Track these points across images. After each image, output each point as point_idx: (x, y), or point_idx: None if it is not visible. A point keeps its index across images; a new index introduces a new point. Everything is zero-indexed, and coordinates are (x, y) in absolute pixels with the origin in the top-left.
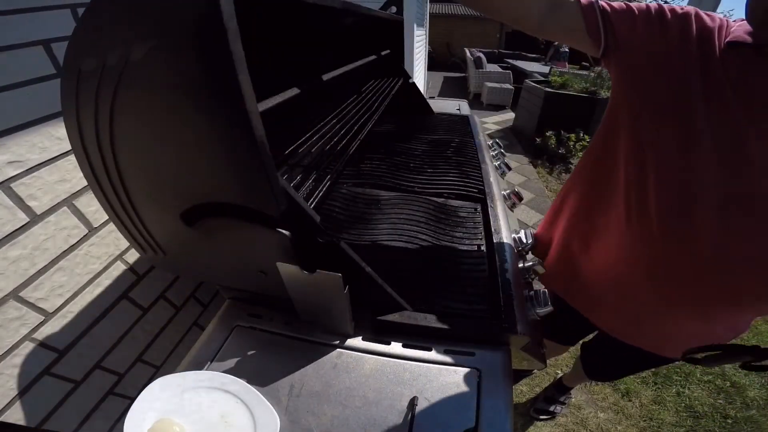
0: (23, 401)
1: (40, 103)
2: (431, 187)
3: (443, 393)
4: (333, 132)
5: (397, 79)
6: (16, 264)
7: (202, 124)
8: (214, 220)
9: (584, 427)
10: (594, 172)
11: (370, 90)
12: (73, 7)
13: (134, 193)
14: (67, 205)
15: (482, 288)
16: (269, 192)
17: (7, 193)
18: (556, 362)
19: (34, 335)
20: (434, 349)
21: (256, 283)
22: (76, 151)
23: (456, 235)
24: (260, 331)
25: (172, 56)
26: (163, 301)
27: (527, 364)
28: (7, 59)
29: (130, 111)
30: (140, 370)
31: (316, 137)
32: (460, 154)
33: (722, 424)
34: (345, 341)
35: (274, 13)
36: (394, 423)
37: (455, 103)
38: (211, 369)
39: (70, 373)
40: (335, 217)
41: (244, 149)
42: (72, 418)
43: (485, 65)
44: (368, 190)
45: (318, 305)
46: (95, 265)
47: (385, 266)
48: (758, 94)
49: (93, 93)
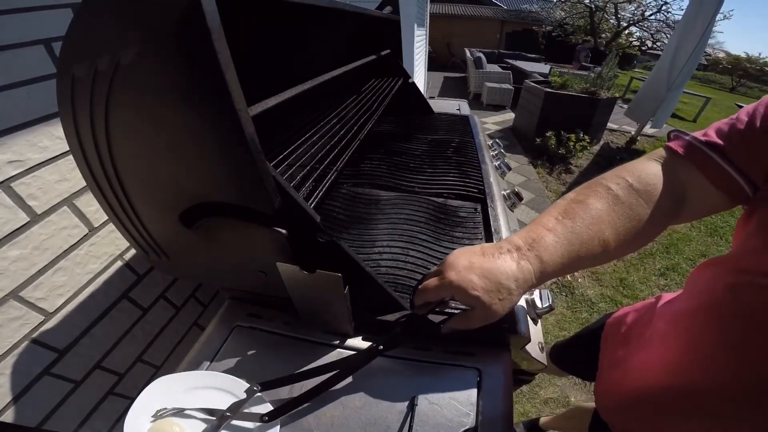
0: (23, 401)
1: (41, 103)
2: (431, 187)
3: (443, 393)
4: (333, 132)
5: (396, 78)
6: (16, 264)
7: (193, 124)
8: (213, 221)
9: None
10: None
11: (370, 90)
12: (74, 7)
13: (133, 195)
14: (68, 204)
15: None
16: (263, 190)
17: (8, 192)
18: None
19: (34, 335)
20: (434, 349)
21: (256, 284)
22: (75, 154)
23: (456, 235)
24: (260, 331)
25: (159, 59)
26: (163, 301)
27: (527, 365)
28: (8, 58)
29: (124, 113)
30: (140, 370)
31: (316, 137)
32: (460, 154)
33: None
34: (345, 341)
35: (271, 15)
36: (394, 423)
37: (455, 103)
38: (211, 369)
39: (70, 373)
40: (335, 217)
41: (235, 148)
42: (72, 418)
43: (485, 65)
44: (368, 190)
45: (318, 305)
46: (95, 265)
47: (385, 266)
48: None
49: (87, 97)
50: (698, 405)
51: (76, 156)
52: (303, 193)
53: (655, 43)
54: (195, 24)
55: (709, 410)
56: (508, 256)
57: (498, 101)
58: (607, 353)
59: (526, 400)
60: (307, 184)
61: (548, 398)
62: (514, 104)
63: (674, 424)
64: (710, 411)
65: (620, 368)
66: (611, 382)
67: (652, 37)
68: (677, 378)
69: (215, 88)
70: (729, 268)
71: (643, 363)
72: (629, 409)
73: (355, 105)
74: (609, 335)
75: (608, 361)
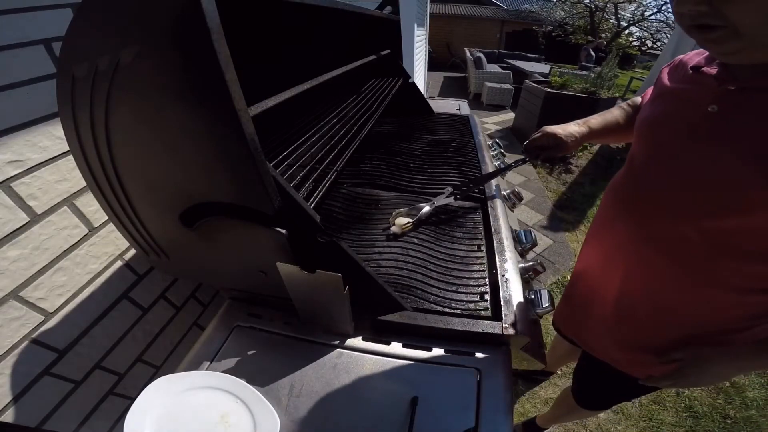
0: (23, 401)
1: (41, 103)
2: (431, 187)
3: (443, 393)
4: (333, 132)
5: (396, 78)
6: (16, 264)
7: (193, 124)
8: (213, 221)
9: (584, 427)
10: None
11: (370, 90)
12: (74, 7)
13: (133, 195)
14: (68, 204)
15: (482, 288)
16: (262, 190)
17: (8, 192)
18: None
19: (34, 335)
20: (434, 349)
21: (257, 284)
22: (75, 154)
23: (456, 235)
24: (260, 331)
25: (159, 59)
26: (163, 301)
27: (527, 364)
28: (8, 58)
29: (124, 113)
30: (140, 370)
31: (316, 137)
32: (460, 154)
33: (722, 425)
34: (345, 341)
35: (271, 15)
36: (394, 423)
37: (455, 103)
38: (211, 369)
39: (70, 373)
40: (335, 217)
41: (235, 148)
42: (72, 418)
43: (485, 65)
44: (368, 190)
45: (318, 305)
46: (95, 265)
47: (385, 266)
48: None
49: (87, 97)
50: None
51: (76, 156)
52: (303, 193)
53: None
54: (195, 23)
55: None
56: (575, 125)
57: (498, 101)
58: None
59: (526, 400)
60: (307, 184)
61: (548, 398)
62: (514, 104)
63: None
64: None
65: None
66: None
67: (652, 37)
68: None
69: (215, 88)
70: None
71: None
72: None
73: (355, 105)
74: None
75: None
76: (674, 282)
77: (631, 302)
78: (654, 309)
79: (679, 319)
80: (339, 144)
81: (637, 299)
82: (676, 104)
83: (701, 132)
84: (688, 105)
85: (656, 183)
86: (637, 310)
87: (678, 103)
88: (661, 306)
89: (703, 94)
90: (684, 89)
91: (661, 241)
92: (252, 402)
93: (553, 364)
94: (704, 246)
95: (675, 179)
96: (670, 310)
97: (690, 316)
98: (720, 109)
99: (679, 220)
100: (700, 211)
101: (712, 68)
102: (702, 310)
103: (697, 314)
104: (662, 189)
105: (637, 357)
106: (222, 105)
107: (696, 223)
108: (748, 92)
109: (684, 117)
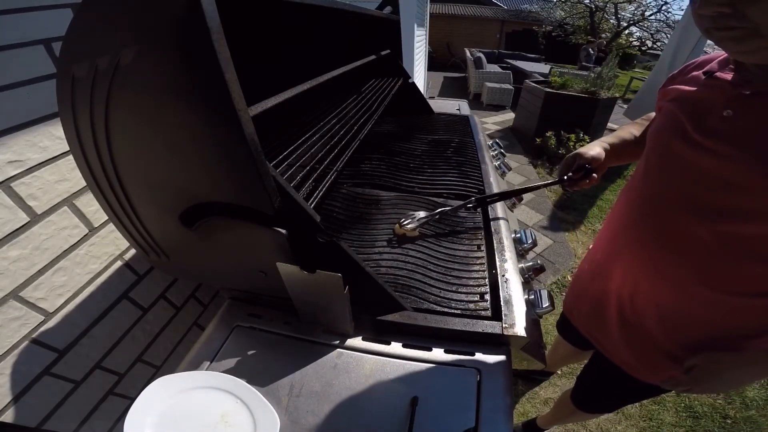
0: (23, 401)
1: (41, 103)
2: (431, 187)
3: (443, 393)
4: (333, 132)
5: (396, 78)
6: (17, 264)
7: (193, 124)
8: (213, 221)
9: (584, 427)
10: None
11: (370, 90)
12: (74, 7)
13: (133, 195)
14: (68, 204)
15: (482, 288)
16: (262, 190)
17: (8, 192)
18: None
19: (34, 335)
20: (434, 349)
21: (257, 284)
22: (75, 154)
23: (456, 235)
24: (260, 331)
25: (159, 59)
26: (163, 301)
27: (527, 364)
28: (8, 58)
29: (124, 113)
30: (140, 370)
31: (316, 137)
32: (460, 154)
33: (722, 425)
34: (345, 341)
35: (271, 15)
36: (394, 423)
37: (455, 103)
38: (211, 369)
39: (70, 373)
40: (335, 217)
41: (235, 148)
42: (72, 418)
43: (485, 65)
44: (368, 190)
45: (318, 305)
46: (95, 265)
47: (385, 266)
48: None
49: (87, 97)
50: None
51: (76, 156)
52: (303, 193)
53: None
54: (195, 23)
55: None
56: (598, 144)
57: (498, 101)
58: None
59: (526, 400)
60: (307, 184)
61: (548, 398)
62: (514, 104)
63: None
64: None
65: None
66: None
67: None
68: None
69: (215, 88)
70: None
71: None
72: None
73: (355, 105)
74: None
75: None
76: (688, 285)
77: (643, 305)
78: (666, 312)
79: (692, 323)
80: (339, 144)
81: (650, 302)
82: (690, 109)
83: (716, 136)
84: (703, 110)
85: (672, 187)
86: (649, 312)
87: (692, 108)
88: (673, 309)
89: (717, 99)
90: (698, 94)
91: (677, 244)
92: (252, 402)
93: (553, 364)
94: (720, 250)
95: (690, 183)
96: (683, 314)
97: (702, 320)
98: (735, 113)
99: (696, 224)
100: (716, 215)
101: (726, 73)
102: (715, 314)
103: (710, 319)
104: (678, 192)
105: (649, 361)
106: (222, 105)
107: (712, 227)
108: (762, 97)
109: (699, 122)
